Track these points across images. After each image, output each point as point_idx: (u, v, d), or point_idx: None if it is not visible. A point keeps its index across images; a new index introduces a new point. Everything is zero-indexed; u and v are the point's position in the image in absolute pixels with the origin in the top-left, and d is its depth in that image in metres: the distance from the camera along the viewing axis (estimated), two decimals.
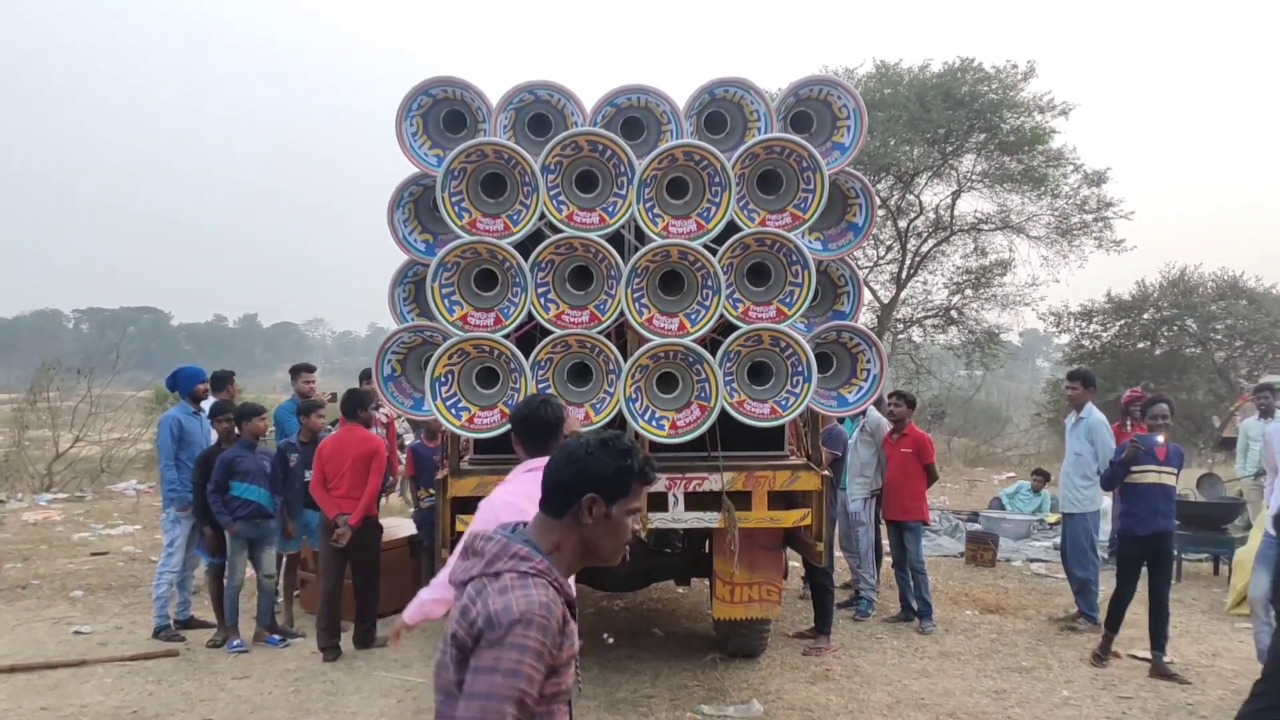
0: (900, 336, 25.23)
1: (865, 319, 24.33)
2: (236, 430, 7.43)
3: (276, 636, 7.50)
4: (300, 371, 9.06)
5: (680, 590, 8.82)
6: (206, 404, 8.03)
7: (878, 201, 7.24)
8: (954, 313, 24.32)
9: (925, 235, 23.65)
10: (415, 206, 6.30)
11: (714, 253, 5.87)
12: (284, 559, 7.93)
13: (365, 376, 9.24)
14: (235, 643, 7.33)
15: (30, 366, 21.50)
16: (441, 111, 6.31)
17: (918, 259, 23.78)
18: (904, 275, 23.72)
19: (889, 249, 24.16)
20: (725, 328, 6.00)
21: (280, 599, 7.87)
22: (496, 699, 2.11)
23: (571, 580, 2.57)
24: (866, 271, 24.24)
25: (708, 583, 6.92)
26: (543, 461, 4.75)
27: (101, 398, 19.61)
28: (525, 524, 2.42)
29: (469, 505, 6.17)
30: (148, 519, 12.91)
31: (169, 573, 7.71)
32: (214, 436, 7.64)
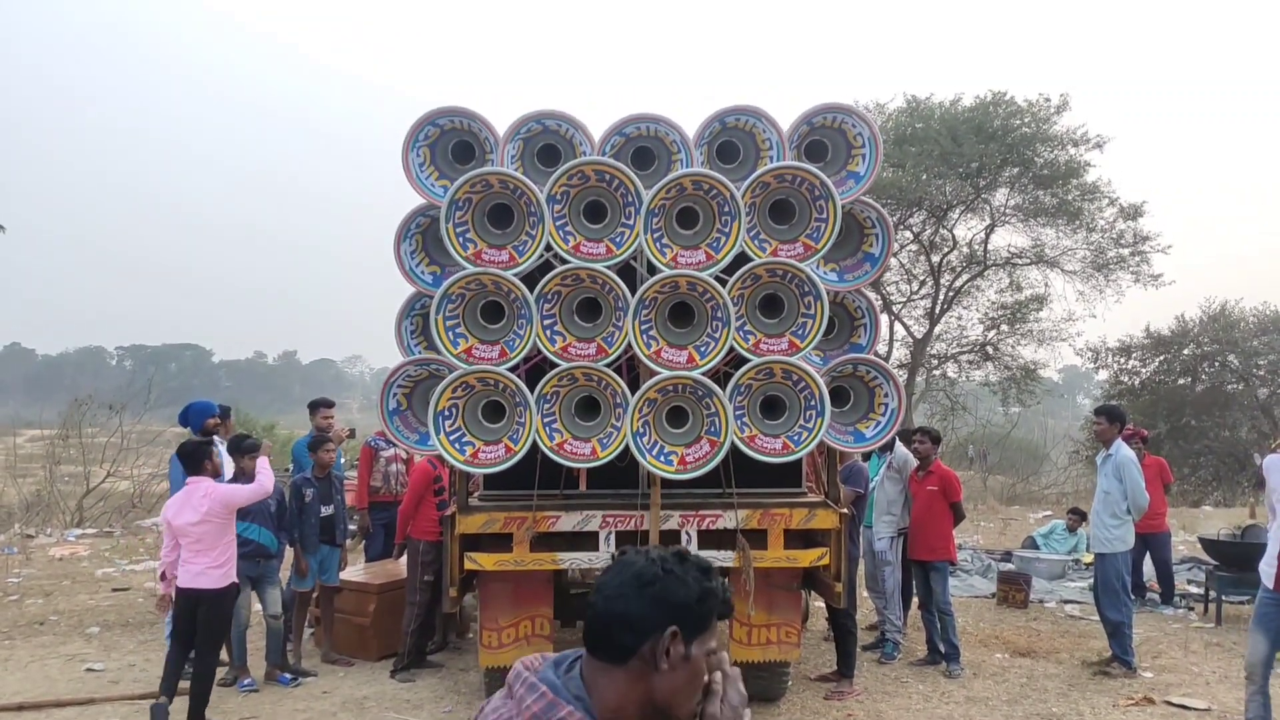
0: (935, 373, 24.91)
1: (899, 354, 24.12)
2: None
3: (288, 675, 7.37)
4: (319, 407, 9.02)
5: None
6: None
7: (894, 232, 7.07)
8: (989, 348, 23.98)
9: (959, 270, 23.39)
10: (423, 238, 6.23)
11: (725, 283, 5.72)
12: (296, 596, 7.82)
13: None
14: (245, 681, 7.22)
15: (71, 403, 21.67)
16: (449, 142, 6.25)
17: (951, 294, 23.50)
18: (938, 311, 23.45)
19: (922, 284, 23.93)
20: (737, 360, 5.85)
21: (293, 637, 7.76)
22: None
23: None
24: (900, 306, 24.01)
25: (726, 623, 6.74)
26: (198, 480, 6.28)
27: (135, 433, 19.74)
28: (578, 662, 1.81)
29: (477, 543, 6.06)
30: None
31: None
32: (228, 471, 7.56)
